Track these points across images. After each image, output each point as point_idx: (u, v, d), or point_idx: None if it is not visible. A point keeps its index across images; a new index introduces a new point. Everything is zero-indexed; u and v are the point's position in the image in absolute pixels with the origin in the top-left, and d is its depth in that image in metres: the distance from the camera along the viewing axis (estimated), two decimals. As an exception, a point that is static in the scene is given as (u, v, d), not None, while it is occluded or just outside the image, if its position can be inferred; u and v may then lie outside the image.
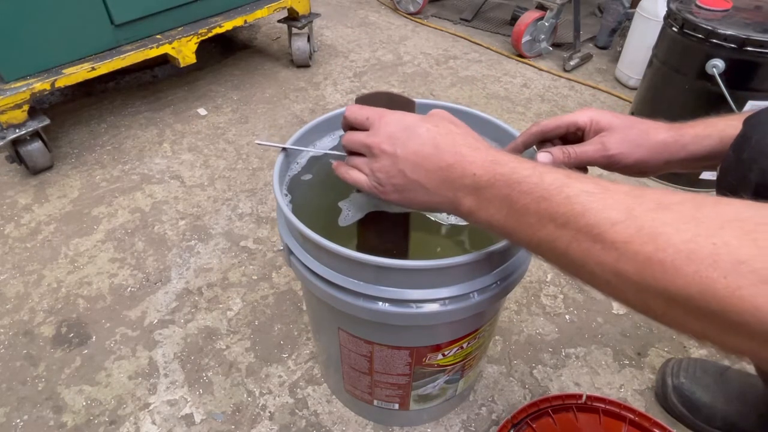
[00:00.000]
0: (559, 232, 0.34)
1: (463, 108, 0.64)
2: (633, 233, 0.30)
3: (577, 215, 0.33)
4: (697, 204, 0.30)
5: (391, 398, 0.67)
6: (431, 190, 0.42)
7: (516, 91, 1.54)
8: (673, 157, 0.49)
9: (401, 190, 0.44)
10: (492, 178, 0.38)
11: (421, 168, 0.42)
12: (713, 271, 0.27)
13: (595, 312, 0.91)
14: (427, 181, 0.42)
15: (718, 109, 1.05)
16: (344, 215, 0.58)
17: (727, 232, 0.27)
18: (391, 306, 0.49)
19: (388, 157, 0.43)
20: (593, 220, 0.32)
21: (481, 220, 0.40)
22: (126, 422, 0.76)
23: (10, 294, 0.95)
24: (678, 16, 1.09)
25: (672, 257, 0.28)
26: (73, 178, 1.22)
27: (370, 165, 0.45)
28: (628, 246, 0.30)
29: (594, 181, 0.34)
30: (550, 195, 0.35)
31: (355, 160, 0.47)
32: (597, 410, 0.71)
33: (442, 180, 0.41)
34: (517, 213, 0.37)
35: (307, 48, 1.59)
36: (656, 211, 0.30)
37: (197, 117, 1.43)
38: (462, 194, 0.40)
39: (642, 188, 0.33)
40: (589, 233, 0.32)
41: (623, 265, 0.30)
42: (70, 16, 1.13)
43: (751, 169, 0.41)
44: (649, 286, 0.29)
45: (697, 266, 0.27)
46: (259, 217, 1.11)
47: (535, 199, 0.35)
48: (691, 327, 0.29)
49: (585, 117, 0.51)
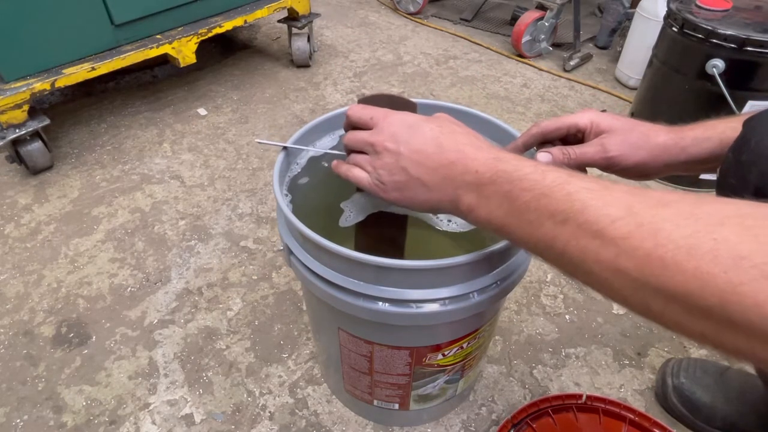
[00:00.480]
0: (558, 229, 0.34)
1: (463, 108, 0.64)
2: (632, 229, 0.30)
3: (577, 212, 0.33)
4: (697, 201, 0.30)
5: (391, 398, 0.67)
6: (432, 187, 0.42)
7: (516, 91, 1.54)
8: (673, 160, 0.49)
9: (402, 188, 0.44)
10: (494, 174, 0.38)
11: (423, 166, 0.42)
12: (714, 266, 0.26)
13: (595, 312, 0.91)
14: (428, 179, 0.42)
15: (718, 109, 1.06)
16: (346, 216, 0.58)
17: (728, 228, 0.27)
18: (391, 306, 0.49)
19: (390, 155, 0.43)
20: (593, 216, 0.32)
21: (481, 217, 0.40)
22: (126, 422, 0.76)
23: (10, 294, 0.95)
24: (678, 16, 1.09)
25: (672, 253, 0.28)
26: (73, 178, 1.22)
27: (372, 162, 0.45)
28: (627, 242, 0.30)
29: (595, 180, 0.34)
30: (551, 192, 0.34)
31: (357, 157, 0.47)
32: (597, 410, 0.71)
33: (443, 177, 0.41)
34: (517, 210, 0.37)
35: (307, 48, 1.59)
36: (656, 208, 0.30)
37: (197, 117, 1.43)
38: (462, 191, 0.40)
39: (642, 188, 0.33)
40: (589, 230, 0.32)
41: (622, 262, 0.30)
42: (70, 16, 1.13)
43: (751, 171, 0.41)
44: (648, 282, 0.29)
45: (697, 262, 0.27)
46: (259, 217, 1.11)
47: (536, 196, 0.35)
48: (690, 326, 0.29)
49: (585, 119, 0.51)
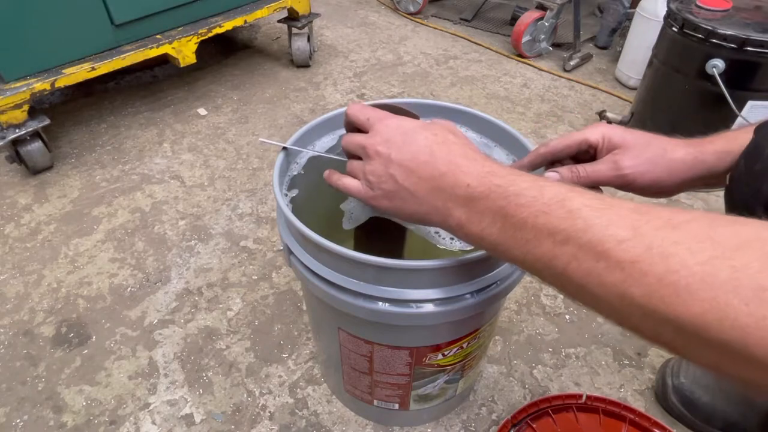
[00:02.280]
0: (559, 249, 0.31)
1: (463, 108, 0.64)
2: (641, 252, 0.28)
3: (579, 231, 0.30)
4: (711, 222, 0.27)
5: (391, 398, 0.67)
6: (421, 198, 0.40)
7: (516, 91, 1.54)
8: (692, 176, 0.46)
9: (391, 197, 0.42)
10: (487, 189, 0.36)
11: (413, 175, 0.40)
12: (733, 297, 0.24)
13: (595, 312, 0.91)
14: (417, 189, 0.40)
15: (718, 109, 1.06)
16: (347, 218, 0.58)
17: (747, 253, 0.25)
18: (391, 306, 0.49)
19: (381, 160, 0.42)
20: (597, 236, 0.30)
21: (472, 234, 0.38)
22: (126, 422, 0.76)
23: (10, 294, 0.95)
24: (678, 16, 1.09)
25: (685, 281, 0.26)
26: (73, 178, 1.22)
27: (363, 168, 0.44)
28: (635, 266, 0.28)
29: (597, 196, 0.32)
30: (549, 209, 0.32)
31: (351, 163, 0.46)
32: (597, 410, 0.71)
33: (432, 189, 0.39)
34: (512, 228, 0.34)
35: (307, 48, 1.59)
36: (666, 229, 0.28)
37: (197, 117, 1.43)
38: (452, 205, 0.38)
39: (648, 205, 0.30)
40: (592, 251, 0.30)
41: (629, 288, 0.28)
42: (70, 16, 1.13)
43: (764, 181, 0.39)
44: (657, 311, 0.27)
45: (714, 292, 0.25)
46: (259, 217, 1.11)
47: (533, 213, 0.33)
48: (705, 357, 0.27)
49: (597, 134, 0.48)
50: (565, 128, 1.39)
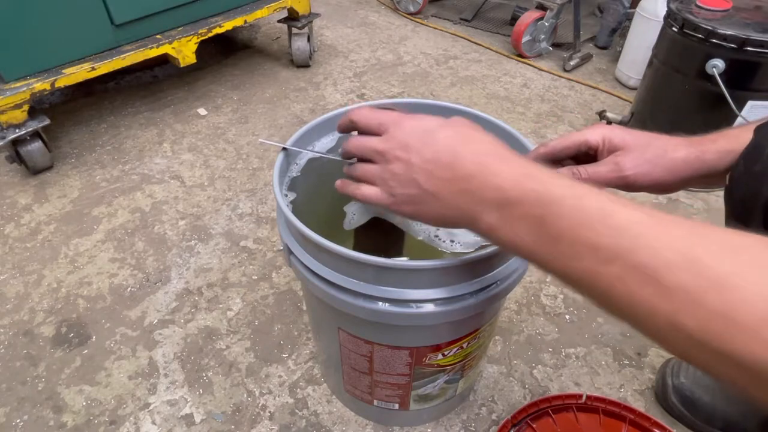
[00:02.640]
0: (603, 267, 0.29)
1: (464, 108, 0.64)
2: (694, 280, 0.26)
3: (625, 251, 0.28)
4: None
5: (391, 398, 0.67)
6: (446, 202, 0.38)
7: (516, 91, 1.54)
8: (694, 175, 0.46)
9: (415, 202, 0.40)
10: (521, 193, 0.34)
11: (436, 177, 0.38)
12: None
13: (595, 312, 0.91)
14: (441, 192, 0.38)
15: (718, 110, 1.06)
16: (349, 219, 0.58)
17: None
18: (391, 306, 0.49)
19: (401, 165, 0.39)
20: (645, 259, 0.27)
21: (505, 240, 0.35)
22: (126, 422, 0.76)
23: (10, 294, 0.95)
24: (678, 16, 1.09)
25: (745, 317, 0.24)
26: (73, 178, 1.22)
27: (381, 174, 0.41)
28: (688, 295, 0.26)
29: (643, 210, 0.30)
30: (590, 223, 0.30)
31: (365, 169, 0.43)
32: (597, 410, 0.71)
33: (459, 191, 0.37)
34: (550, 239, 0.32)
35: (307, 48, 1.59)
36: (722, 255, 0.26)
37: (197, 117, 1.43)
38: (481, 209, 0.36)
39: (702, 224, 0.28)
40: (641, 274, 0.27)
41: (681, 318, 0.26)
42: (70, 16, 1.13)
43: (764, 182, 0.39)
44: (710, 344, 0.25)
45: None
46: (259, 217, 1.11)
47: (573, 226, 0.31)
48: (759, 394, 0.25)
49: (597, 135, 0.47)
50: (565, 128, 1.39)
